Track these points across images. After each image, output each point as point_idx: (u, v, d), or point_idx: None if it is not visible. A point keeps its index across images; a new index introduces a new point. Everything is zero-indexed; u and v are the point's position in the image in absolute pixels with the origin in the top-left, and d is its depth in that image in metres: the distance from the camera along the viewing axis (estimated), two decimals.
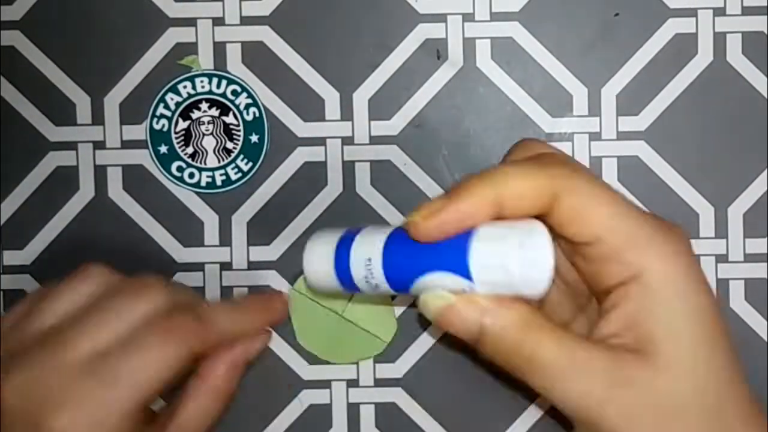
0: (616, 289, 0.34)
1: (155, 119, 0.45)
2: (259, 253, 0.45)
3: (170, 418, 0.38)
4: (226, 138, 0.45)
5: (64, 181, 0.45)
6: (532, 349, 0.33)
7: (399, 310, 0.45)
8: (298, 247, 0.45)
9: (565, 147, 0.44)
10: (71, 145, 0.45)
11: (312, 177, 0.45)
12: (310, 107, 0.45)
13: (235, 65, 0.45)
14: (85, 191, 0.45)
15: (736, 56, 0.44)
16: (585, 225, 0.33)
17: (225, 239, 0.45)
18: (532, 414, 0.45)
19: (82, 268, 0.39)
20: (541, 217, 0.34)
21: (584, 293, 0.37)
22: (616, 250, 0.33)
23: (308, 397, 0.45)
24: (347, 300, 0.44)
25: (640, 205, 0.44)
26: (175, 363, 0.36)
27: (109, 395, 0.35)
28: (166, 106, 0.45)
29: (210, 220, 0.45)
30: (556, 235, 0.34)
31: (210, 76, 0.45)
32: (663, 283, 0.33)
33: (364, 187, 0.45)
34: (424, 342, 0.45)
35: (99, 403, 0.35)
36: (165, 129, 0.45)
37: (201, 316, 0.37)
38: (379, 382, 0.45)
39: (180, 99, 0.45)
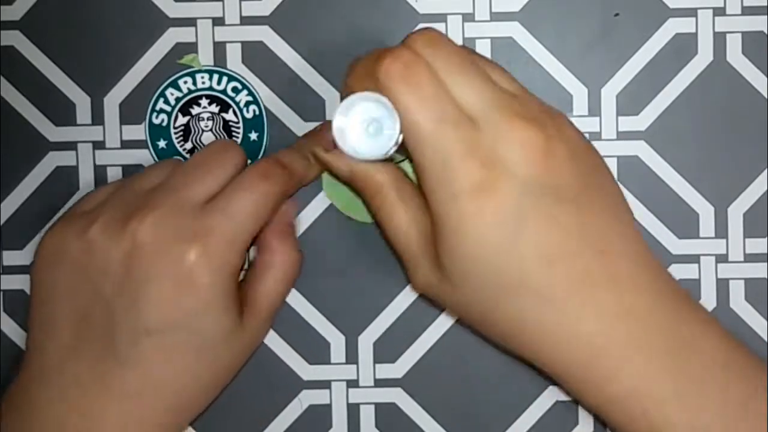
0: None
1: (155, 114, 0.45)
2: None
3: (252, 289, 0.42)
4: (226, 135, 0.45)
5: (64, 181, 0.45)
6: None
7: (400, 310, 0.45)
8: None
9: None
10: (71, 145, 0.45)
11: None
12: (310, 107, 0.45)
13: (235, 65, 0.45)
14: (85, 191, 0.45)
15: (736, 56, 0.44)
16: None
17: None
18: (532, 414, 0.45)
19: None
20: None
21: None
22: None
23: (308, 398, 0.45)
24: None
25: (639, 206, 0.44)
26: (272, 202, 0.40)
27: (231, 226, 0.38)
28: (166, 101, 0.45)
29: None
30: None
31: (211, 73, 0.45)
32: None
33: None
34: (424, 342, 0.45)
35: (224, 234, 0.38)
36: (164, 124, 0.45)
37: (281, 161, 0.41)
38: (379, 382, 0.45)
39: (180, 94, 0.45)
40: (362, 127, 0.37)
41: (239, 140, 0.45)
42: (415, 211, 0.38)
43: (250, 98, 0.45)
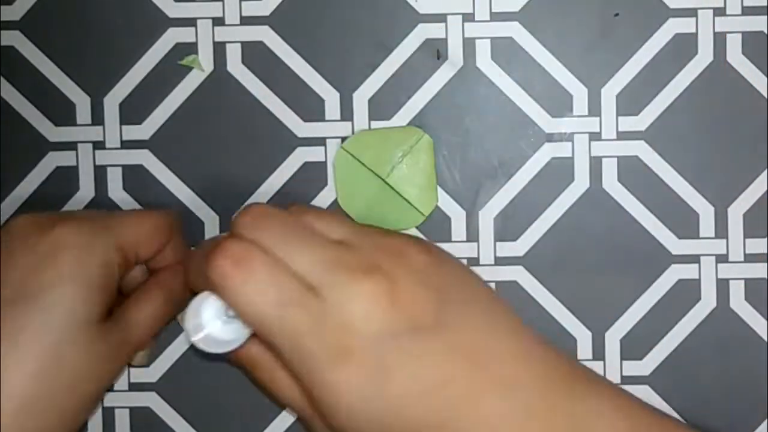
0: None
1: None
2: None
3: (124, 315, 0.41)
4: None
5: (64, 181, 0.45)
6: None
7: None
8: None
9: (565, 147, 0.44)
10: (71, 145, 0.45)
11: (312, 177, 0.45)
12: (310, 107, 0.45)
13: (235, 65, 0.45)
14: (85, 191, 0.45)
15: (736, 56, 0.44)
16: None
17: None
18: None
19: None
20: None
21: None
22: None
23: None
24: (391, 165, 0.44)
25: (639, 206, 0.44)
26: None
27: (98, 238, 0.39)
28: None
29: (210, 220, 0.45)
30: None
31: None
32: None
33: None
34: None
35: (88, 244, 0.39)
36: None
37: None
38: None
39: None
40: (219, 318, 0.37)
41: None
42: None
43: None
